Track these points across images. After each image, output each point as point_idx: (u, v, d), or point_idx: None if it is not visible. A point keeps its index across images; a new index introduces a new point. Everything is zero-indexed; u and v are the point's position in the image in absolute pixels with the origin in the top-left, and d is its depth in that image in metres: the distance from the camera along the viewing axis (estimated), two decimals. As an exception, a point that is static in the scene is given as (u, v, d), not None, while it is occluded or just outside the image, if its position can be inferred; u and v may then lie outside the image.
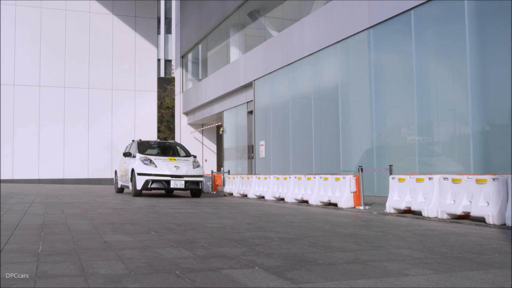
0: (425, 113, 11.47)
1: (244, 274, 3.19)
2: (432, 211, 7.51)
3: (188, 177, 13.27)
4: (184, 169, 13.30)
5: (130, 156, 14.49)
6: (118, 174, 16.11)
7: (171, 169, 13.13)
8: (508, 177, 6.49)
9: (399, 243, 4.84)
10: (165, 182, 13.00)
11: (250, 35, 22.29)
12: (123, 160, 15.37)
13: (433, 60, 11.60)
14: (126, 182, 14.59)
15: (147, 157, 13.59)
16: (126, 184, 14.66)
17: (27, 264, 3.40)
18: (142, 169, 13.12)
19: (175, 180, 13.01)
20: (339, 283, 3.01)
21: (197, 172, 13.68)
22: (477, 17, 10.19)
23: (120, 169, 15.73)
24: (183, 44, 29.75)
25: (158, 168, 13.13)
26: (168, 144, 16.20)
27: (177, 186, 13.06)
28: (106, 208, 8.91)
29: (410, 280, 3.12)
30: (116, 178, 16.43)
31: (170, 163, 13.37)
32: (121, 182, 15.54)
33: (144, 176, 13.00)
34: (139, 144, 14.90)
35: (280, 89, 18.15)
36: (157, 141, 16.45)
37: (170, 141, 16.81)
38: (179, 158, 14.17)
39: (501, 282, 3.10)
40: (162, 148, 15.64)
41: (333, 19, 14.72)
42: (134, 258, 3.71)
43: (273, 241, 4.80)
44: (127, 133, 27.96)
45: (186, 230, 5.58)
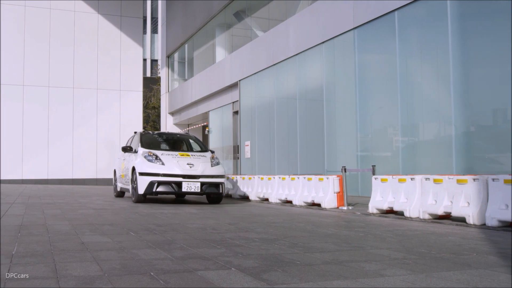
0: (409, 114, 11.51)
1: (219, 275, 3.16)
2: (414, 211, 7.54)
3: (205, 178, 10.54)
4: (200, 168, 10.60)
5: (131, 151, 11.77)
6: (117, 174, 13.49)
7: (183, 167, 10.47)
8: (488, 178, 6.53)
9: (379, 243, 4.84)
10: (175, 184, 10.31)
11: (236, 35, 22.25)
12: (123, 156, 12.67)
13: (417, 61, 11.65)
14: (126, 184, 11.94)
15: (152, 152, 10.85)
16: (126, 187, 12.08)
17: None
18: (145, 167, 10.51)
19: (188, 181, 10.33)
20: (314, 284, 2.99)
21: (217, 171, 10.88)
22: (460, 18, 10.25)
23: (119, 168, 13.12)
24: (169, 44, 29.63)
25: (166, 166, 10.46)
26: (179, 136, 13.35)
27: (191, 189, 10.34)
28: (87, 208, 8.82)
29: (386, 281, 3.11)
30: (115, 179, 13.81)
31: (182, 160, 10.69)
32: (120, 184, 12.85)
33: (148, 176, 10.36)
34: (143, 136, 12.11)
35: (266, 89, 18.14)
36: (165, 133, 13.65)
37: (181, 133, 13.97)
38: (193, 153, 11.34)
39: (476, 282, 3.11)
40: (171, 141, 12.92)
41: (318, 19, 14.74)
42: (110, 259, 3.66)
43: (252, 241, 4.78)
44: (112, 133, 27.78)
45: (166, 231, 5.54)
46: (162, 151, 11.25)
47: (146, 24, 50.86)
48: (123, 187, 12.44)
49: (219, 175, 10.84)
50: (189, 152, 11.47)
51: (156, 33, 50.67)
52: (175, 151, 11.35)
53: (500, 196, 6.30)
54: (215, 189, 10.70)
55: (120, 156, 13.22)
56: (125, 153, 12.31)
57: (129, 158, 11.74)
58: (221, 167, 11.15)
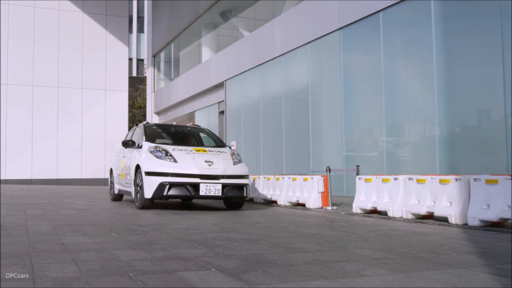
0: (393, 114, 11.57)
1: (198, 276, 3.14)
2: (397, 211, 7.57)
3: (227, 179, 8.79)
4: (221, 166, 8.84)
5: (133, 146, 9.96)
6: (114, 174, 11.58)
7: (200, 165, 8.66)
8: (470, 178, 6.58)
9: (361, 243, 4.85)
10: (190, 186, 8.49)
11: (223, 35, 22.21)
12: (123, 153, 10.87)
13: (401, 61, 11.72)
14: (126, 185, 10.17)
15: (161, 146, 9.08)
16: (126, 189, 10.22)
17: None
18: (153, 165, 8.70)
19: (207, 183, 8.54)
20: (294, 284, 2.98)
21: (241, 170, 9.15)
22: (443, 19, 10.33)
23: (117, 166, 11.25)
24: (155, 43, 29.51)
25: (180, 164, 8.66)
26: (190, 128, 11.35)
27: (210, 192, 8.55)
28: (70, 209, 8.74)
29: (366, 281, 3.11)
30: (112, 180, 11.85)
31: (198, 157, 8.89)
32: (119, 186, 10.99)
33: (157, 176, 8.54)
34: (147, 128, 10.20)
35: (251, 90, 18.13)
36: (172, 125, 11.74)
37: (192, 125, 11.93)
38: (210, 148, 9.56)
39: (455, 282, 3.12)
40: (180, 135, 10.97)
41: (304, 19, 14.76)
42: (89, 260, 3.62)
43: (234, 242, 4.76)
44: (98, 132, 27.57)
45: (148, 231, 5.50)
46: (173, 145, 9.36)
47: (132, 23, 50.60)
48: (123, 189, 10.59)
49: (243, 175, 9.10)
50: (206, 147, 9.66)
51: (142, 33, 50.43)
52: (189, 146, 9.56)
53: (482, 196, 6.35)
54: (238, 192, 8.91)
55: (119, 153, 11.46)
56: (125, 148, 10.48)
57: (131, 154, 9.89)
58: (244, 165, 9.44)
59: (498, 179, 6.16)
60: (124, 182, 10.41)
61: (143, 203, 8.82)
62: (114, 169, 11.62)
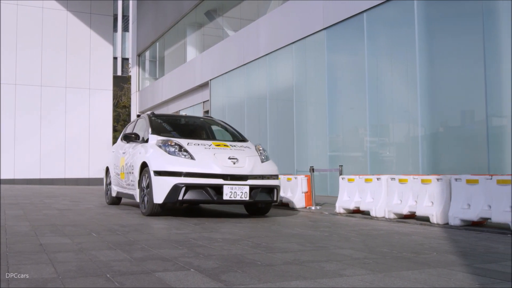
0: (378, 114, 11.63)
1: (177, 277, 3.11)
2: (380, 211, 7.60)
3: (255, 179, 7.33)
4: (247, 164, 7.37)
5: (137, 140, 8.44)
6: (111, 174, 10.03)
7: (222, 163, 7.18)
8: (451, 178, 6.63)
9: (342, 243, 4.85)
10: (211, 189, 7.00)
11: (208, 34, 22.16)
12: (123, 149, 9.34)
13: (385, 62, 11.78)
14: (128, 187, 8.65)
15: (173, 140, 7.53)
16: (128, 192, 8.71)
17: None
18: (164, 163, 7.17)
19: (231, 185, 7.05)
20: (272, 284, 2.97)
21: (270, 169, 7.71)
22: (427, 20, 10.40)
23: (116, 165, 9.67)
24: (139, 43, 29.35)
25: (198, 161, 7.15)
26: (202, 120, 9.76)
27: (236, 196, 7.07)
28: (52, 209, 8.64)
29: (345, 281, 3.11)
30: (109, 181, 10.31)
31: (220, 153, 7.41)
32: (117, 188, 9.52)
33: (170, 177, 7.01)
34: (153, 120, 8.68)
35: (236, 89, 18.11)
36: (181, 116, 10.10)
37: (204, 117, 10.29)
38: (232, 143, 8.12)
39: (433, 282, 3.13)
40: (191, 127, 9.33)
41: (289, 20, 14.77)
42: (67, 261, 3.58)
43: (216, 242, 4.74)
44: (82, 132, 27.34)
45: (129, 232, 5.45)
46: (187, 139, 7.83)
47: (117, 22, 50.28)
48: (122, 191, 9.12)
49: (273, 174, 7.68)
50: (227, 142, 8.20)
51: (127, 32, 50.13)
52: (207, 140, 8.10)
53: (463, 196, 6.40)
54: (267, 196, 7.49)
55: (117, 149, 9.87)
56: (127, 143, 8.95)
57: (135, 150, 8.37)
58: (273, 163, 8.00)
59: (479, 179, 6.21)
60: (124, 184, 8.87)
61: (151, 209, 7.26)
62: (112, 168, 10.02)
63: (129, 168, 8.50)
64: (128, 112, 38.61)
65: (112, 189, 9.94)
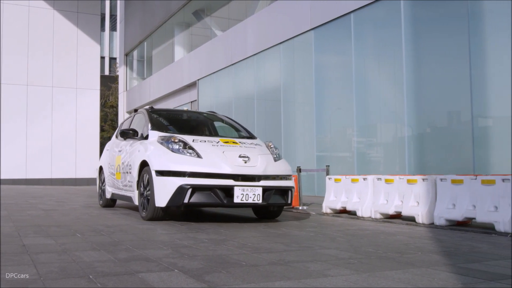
0: (365, 115, 11.67)
1: (160, 278, 3.09)
2: (366, 211, 7.63)
3: (269, 180, 6.69)
4: (260, 163, 6.71)
5: (135, 136, 7.76)
6: (105, 173, 9.33)
7: (233, 162, 6.52)
8: (436, 178, 6.67)
9: (328, 243, 4.86)
10: (221, 190, 6.34)
11: (196, 34, 22.12)
12: (118, 146, 8.66)
13: (372, 62, 11.83)
14: (125, 189, 7.93)
15: (177, 137, 6.85)
16: (124, 194, 8.02)
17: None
18: (167, 162, 6.49)
19: (243, 186, 6.40)
20: (256, 285, 2.96)
21: (283, 169, 7.08)
22: (413, 21, 10.45)
23: (111, 164, 8.95)
24: (127, 42, 29.21)
25: (205, 160, 6.49)
26: (206, 115, 8.99)
27: (248, 199, 6.42)
28: (36, 209, 8.57)
29: (329, 281, 3.11)
30: (102, 181, 9.62)
31: (230, 150, 6.75)
32: (112, 189, 8.82)
33: (174, 177, 6.34)
34: (153, 115, 8.03)
35: (224, 89, 18.09)
36: (182, 111, 9.12)
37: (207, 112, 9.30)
38: (241, 140, 7.43)
39: (416, 281, 3.14)
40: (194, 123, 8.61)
41: (276, 20, 14.78)
42: (49, 262, 3.54)
43: (201, 242, 4.72)
44: (68, 132, 27.15)
45: (114, 232, 5.41)
46: (192, 135, 7.17)
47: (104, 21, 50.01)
48: (118, 193, 8.41)
49: (287, 175, 7.05)
50: (236, 139, 7.53)
51: (115, 31, 49.88)
52: (214, 137, 7.39)
53: (448, 196, 6.44)
54: (280, 198, 6.84)
55: (112, 147, 9.23)
56: (124, 140, 8.28)
57: (133, 148, 7.65)
58: (286, 162, 7.38)
59: (464, 179, 6.26)
60: (121, 184, 8.16)
61: (152, 213, 6.60)
62: (106, 167, 9.27)
63: (127, 167, 7.80)
64: (115, 112, 38.41)
65: (106, 190, 9.20)
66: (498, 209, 5.80)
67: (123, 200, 8.38)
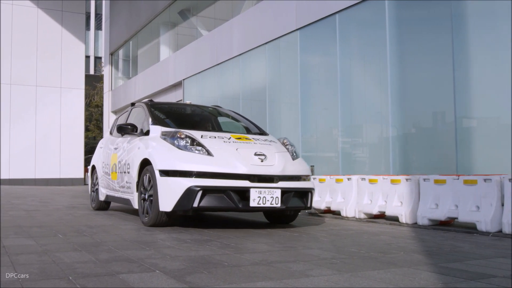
0: (350, 115, 11.71)
1: (141, 278, 3.07)
2: (350, 211, 7.66)
3: (288, 181, 6.01)
4: (278, 162, 6.03)
5: (134, 132, 7.00)
6: (99, 174, 8.63)
7: (248, 160, 5.83)
8: (419, 178, 6.71)
9: (311, 243, 4.86)
10: (235, 193, 5.64)
11: (182, 34, 22.04)
12: (114, 143, 7.91)
13: (357, 63, 11.87)
14: (122, 190, 7.20)
15: (183, 132, 6.12)
16: (121, 196, 7.27)
17: None
18: (173, 160, 5.78)
19: (260, 188, 5.70)
20: (238, 285, 2.95)
21: (302, 168, 6.40)
22: (398, 22, 10.51)
23: (106, 163, 8.20)
24: (112, 41, 29.01)
25: (217, 158, 5.79)
26: (211, 109, 8.29)
27: (265, 202, 5.71)
28: (19, 210, 8.47)
29: (310, 281, 3.11)
30: (95, 182, 8.90)
31: (244, 148, 6.06)
32: (107, 191, 8.12)
33: (182, 178, 5.63)
34: (153, 108, 7.27)
35: (210, 89, 18.04)
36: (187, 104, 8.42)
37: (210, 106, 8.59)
38: (254, 136, 6.76)
39: (397, 281, 3.16)
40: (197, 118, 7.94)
41: (262, 20, 14.78)
42: (29, 263, 3.50)
43: (184, 242, 4.70)
44: (53, 131, 26.90)
45: (97, 233, 5.37)
46: (200, 131, 6.49)
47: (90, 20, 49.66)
48: (114, 195, 7.67)
49: (306, 175, 6.35)
50: (249, 135, 6.86)
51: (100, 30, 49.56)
52: (224, 132, 6.73)
53: (431, 196, 6.48)
54: (299, 201, 6.13)
55: (106, 144, 8.49)
56: (121, 137, 7.59)
57: (131, 145, 6.95)
58: (304, 161, 6.69)
59: (446, 179, 6.30)
60: (117, 186, 7.45)
61: (156, 218, 5.90)
62: (100, 166, 8.57)
63: (124, 166, 7.05)
64: (100, 112, 38.15)
65: (99, 191, 8.48)
66: (480, 209, 5.85)
67: (119, 203, 7.62)
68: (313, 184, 6.42)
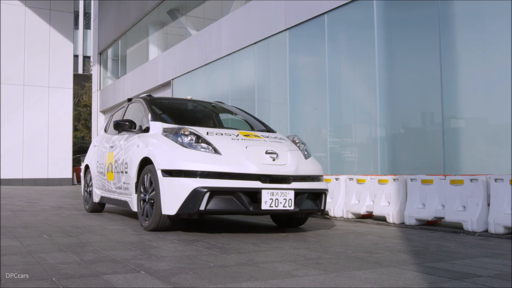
0: (338, 115, 11.73)
1: (126, 279, 3.05)
2: (338, 211, 7.67)
3: (301, 182, 5.59)
4: (290, 161, 5.59)
5: (132, 129, 6.54)
6: (93, 174, 8.14)
7: (259, 159, 5.37)
8: (407, 178, 6.73)
9: (298, 243, 4.86)
10: (245, 195, 5.19)
11: (171, 33, 21.97)
12: (110, 141, 7.43)
13: (346, 63, 11.90)
14: (119, 191, 6.75)
15: (187, 128, 5.65)
16: (118, 198, 6.84)
17: None
18: (177, 159, 5.31)
19: (272, 189, 5.28)
20: (223, 286, 2.94)
21: (315, 168, 5.98)
22: (385, 23, 10.55)
23: (100, 162, 7.72)
24: (101, 40, 28.85)
25: (225, 157, 5.33)
26: (214, 105, 7.93)
27: (279, 205, 5.28)
28: (5, 210, 8.38)
29: (296, 281, 3.10)
30: (88, 182, 8.43)
31: (254, 146, 5.61)
32: (102, 192, 7.67)
33: (187, 178, 5.15)
34: (153, 103, 6.81)
35: (198, 89, 18.00)
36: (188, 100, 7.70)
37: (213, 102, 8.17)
38: (264, 133, 6.35)
39: (383, 281, 3.16)
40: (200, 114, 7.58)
41: (251, 20, 14.77)
42: (12, 264, 3.45)
43: (171, 243, 4.67)
44: (40, 131, 26.69)
45: (83, 233, 5.33)
46: (205, 127, 6.11)
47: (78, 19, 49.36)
48: (110, 197, 7.22)
49: (319, 175, 5.95)
50: (257, 132, 6.46)
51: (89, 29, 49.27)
52: (231, 129, 6.28)
53: (418, 196, 6.51)
54: (312, 203, 5.72)
55: (101, 142, 7.99)
56: (117, 134, 7.16)
57: (129, 143, 6.48)
58: (315, 160, 6.27)
59: (433, 179, 6.33)
60: (113, 187, 6.97)
61: (158, 222, 5.43)
62: (94, 166, 8.06)
63: (121, 166, 6.55)
64: (89, 111, 37.93)
65: (94, 193, 8.00)
66: (466, 208, 5.88)
67: (115, 205, 7.14)
68: (326, 185, 6.04)
